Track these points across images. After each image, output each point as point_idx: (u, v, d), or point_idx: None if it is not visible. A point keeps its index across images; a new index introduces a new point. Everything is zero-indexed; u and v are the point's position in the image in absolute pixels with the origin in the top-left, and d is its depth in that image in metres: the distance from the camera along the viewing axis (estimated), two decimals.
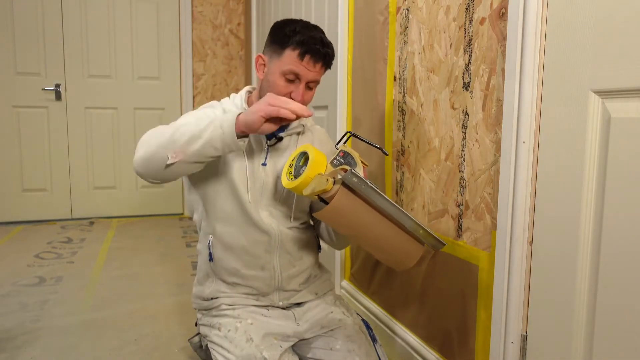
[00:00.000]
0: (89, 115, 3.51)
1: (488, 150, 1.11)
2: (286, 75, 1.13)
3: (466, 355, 1.21)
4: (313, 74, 1.14)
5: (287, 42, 1.12)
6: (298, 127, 1.26)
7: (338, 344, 1.20)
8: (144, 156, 1.05)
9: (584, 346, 0.91)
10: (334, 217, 1.03)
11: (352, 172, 0.97)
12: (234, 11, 3.79)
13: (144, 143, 1.07)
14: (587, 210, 0.88)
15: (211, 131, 1.01)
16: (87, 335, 1.70)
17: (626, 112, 0.81)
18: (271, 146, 1.23)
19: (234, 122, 1.00)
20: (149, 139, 1.07)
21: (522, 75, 0.98)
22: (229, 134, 1.00)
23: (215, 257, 1.24)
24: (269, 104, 0.99)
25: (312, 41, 1.11)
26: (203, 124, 1.02)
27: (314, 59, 1.12)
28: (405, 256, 1.08)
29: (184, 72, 3.67)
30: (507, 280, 1.05)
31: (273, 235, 1.21)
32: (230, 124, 1.00)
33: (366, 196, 1.00)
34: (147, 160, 1.05)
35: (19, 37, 3.28)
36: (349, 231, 1.07)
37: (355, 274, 1.88)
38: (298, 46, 1.11)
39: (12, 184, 3.37)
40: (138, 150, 1.07)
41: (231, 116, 1.02)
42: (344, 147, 1.15)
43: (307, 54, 1.12)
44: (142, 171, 1.07)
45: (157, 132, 1.07)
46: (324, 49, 1.13)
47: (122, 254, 2.72)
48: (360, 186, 0.98)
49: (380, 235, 1.05)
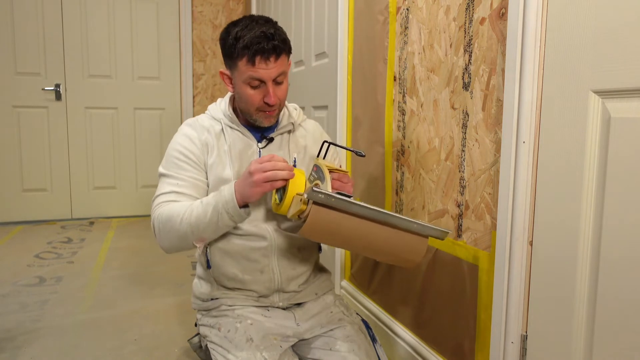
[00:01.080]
0: (89, 115, 3.51)
1: (488, 150, 1.11)
2: (249, 84, 1.13)
3: (466, 355, 1.21)
4: (273, 71, 1.12)
5: (234, 52, 1.11)
6: (287, 126, 1.25)
7: (338, 344, 1.20)
8: (171, 245, 1.17)
9: (584, 346, 0.91)
10: (314, 234, 1.02)
11: (313, 190, 0.95)
12: (234, 11, 3.79)
13: (163, 235, 1.16)
14: (587, 210, 0.88)
15: (219, 217, 1.10)
16: (87, 335, 1.70)
17: (626, 112, 0.81)
18: (263, 148, 1.22)
19: (236, 202, 1.08)
20: (165, 232, 1.15)
21: (522, 75, 0.98)
22: (235, 212, 1.09)
23: (213, 264, 1.24)
24: (262, 171, 1.04)
25: (256, 41, 1.08)
26: (209, 214, 1.10)
27: (264, 58, 1.10)
28: (409, 253, 1.06)
29: (184, 72, 3.67)
30: (507, 280, 1.05)
31: (269, 239, 1.21)
32: (232, 205, 1.08)
33: (341, 207, 0.98)
34: (175, 247, 1.18)
35: (19, 37, 3.28)
36: (336, 244, 1.06)
37: (355, 274, 1.88)
38: (244, 53, 1.10)
39: (12, 184, 3.38)
40: (161, 240, 1.17)
41: (229, 197, 1.08)
42: (317, 161, 1.15)
43: (256, 56, 1.09)
44: (175, 251, 1.20)
45: (167, 225, 1.14)
46: (269, 44, 1.09)
47: (122, 254, 2.72)
48: (328, 200, 0.96)
49: (373, 240, 1.03)
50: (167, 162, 1.22)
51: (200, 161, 1.20)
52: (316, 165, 1.14)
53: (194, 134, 1.22)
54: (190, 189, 1.18)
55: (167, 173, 1.20)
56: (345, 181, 1.14)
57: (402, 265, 1.10)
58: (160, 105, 3.67)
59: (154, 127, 3.67)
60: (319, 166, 1.12)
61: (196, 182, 1.19)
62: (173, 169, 1.20)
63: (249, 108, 1.17)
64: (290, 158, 1.25)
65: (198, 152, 1.21)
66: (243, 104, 1.18)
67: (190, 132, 1.23)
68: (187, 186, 1.18)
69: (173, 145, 1.23)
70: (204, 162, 1.21)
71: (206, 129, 1.23)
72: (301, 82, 2.36)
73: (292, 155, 1.25)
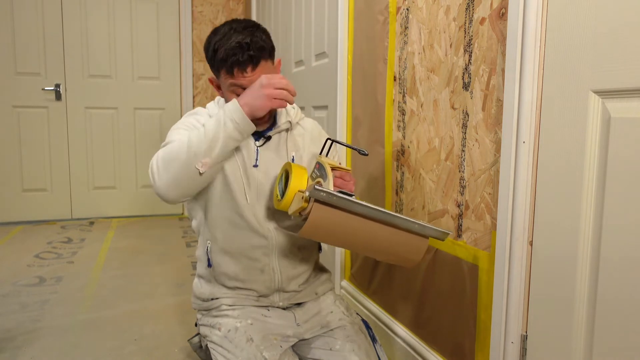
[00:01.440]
0: (89, 115, 3.51)
1: (488, 150, 1.11)
2: (234, 91, 1.15)
3: (466, 355, 1.21)
4: (253, 78, 1.13)
5: (214, 64, 1.16)
6: (285, 125, 1.25)
7: (338, 344, 1.20)
8: (171, 180, 1.07)
9: (584, 346, 0.91)
10: (315, 233, 1.01)
11: (315, 188, 0.95)
12: (234, 11, 3.79)
13: (162, 170, 1.08)
14: (587, 210, 0.88)
15: (224, 128, 1.05)
16: (87, 335, 1.70)
17: (626, 112, 0.81)
18: (260, 147, 1.22)
19: (241, 109, 1.06)
20: (165, 165, 1.08)
21: (522, 75, 0.98)
22: (242, 121, 1.06)
23: (214, 262, 1.24)
24: (274, 87, 1.05)
25: (231, 53, 1.10)
26: (212, 127, 1.06)
27: (241, 68, 1.12)
28: (409, 252, 1.06)
29: (184, 72, 3.67)
30: (507, 280, 1.05)
31: (270, 238, 1.21)
32: (239, 113, 1.06)
33: (343, 206, 0.98)
34: (175, 182, 1.08)
35: (19, 37, 3.28)
36: (337, 243, 1.05)
37: (355, 274, 1.88)
38: (222, 65, 1.13)
39: (12, 184, 3.38)
40: (160, 178, 1.08)
41: (233, 106, 1.07)
42: (319, 158, 1.15)
43: (233, 68, 1.11)
44: (173, 194, 1.09)
45: (170, 155, 1.08)
46: (244, 54, 1.10)
47: (122, 254, 2.72)
48: (330, 199, 0.96)
49: (374, 239, 1.03)
50: (171, 133, 1.19)
51: None
52: (318, 163, 1.13)
53: (203, 121, 1.20)
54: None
55: (175, 128, 1.20)
56: (348, 179, 1.14)
57: (402, 265, 1.10)
58: (160, 105, 3.67)
59: (154, 127, 3.68)
60: (322, 164, 1.11)
61: None
62: (182, 127, 1.19)
63: None
64: (289, 156, 1.25)
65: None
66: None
67: (198, 117, 1.22)
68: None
69: (178, 124, 1.22)
70: None
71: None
72: (301, 82, 2.36)
73: (290, 154, 1.25)
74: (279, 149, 1.24)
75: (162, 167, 1.08)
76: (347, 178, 1.14)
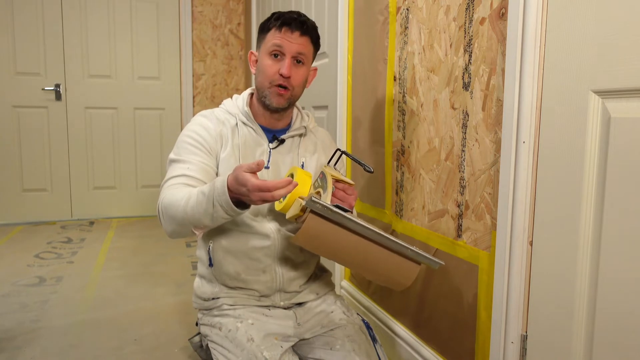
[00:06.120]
0: (89, 115, 3.51)
1: (488, 150, 1.11)
2: (271, 52, 1.18)
3: (466, 355, 1.21)
4: (296, 46, 1.17)
5: (268, 24, 1.21)
6: (300, 129, 1.26)
7: (338, 344, 1.20)
8: (174, 232, 1.14)
9: (584, 346, 0.91)
10: (308, 242, 1.00)
11: (312, 199, 0.94)
12: (234, 11, 3.79)
13: (165, 221, 1.13)
14: (587, 210, 0.88)
15: (214, 209, 1.03)
16: (87, 335, 1.70)
17: (626, 112, 0.81)
18: (273, 149, 1.23)
19: (229, 199, 1.00)
20: (167, 218, 1.12)
21: (522, 75, 0.98)
22: (228, 206, 1.01)
23: (216, 262, 1.24)
24: (261, 199, 0.96)
25: (289, 14, 1.19)
26: (203, 203, 1.03)
27: (291, 28, 1.17)
28: (399, 276, 1.04)
29: (184, 72, 3.67)
30: (507, 280, 1.05)
31: (272, 239, 1.21)
32: (225, 199, 1.00)
33: (337, 221, 0.97)
34: (178, 234, 1.14)
35: (19, 37, 3.28)
36: (328, 255, 1.04)
37: (355, 274, 1.88)
38: (275, 24, 1.19)
39: (12, 184, 3.37)
40: (164, 225, 1.15)
41: (221, 189, 1.00)
42: (324, 168, 1.14)
43: (284, 26, 1.17)
44: (179, 237, 1.18)
45: (169, 211, 1.11)
46: (300, 18, 1.18)
47: (122, 254, 2.72)
48: (325, 211, 0.95)
49: (365, 258, 1.02)
50: (178, 148, 1.21)
51: (212, 150, 1.20)
52: (322, 173, 1.13)
53: (210, 125, 1.22)
54: (200, 173, 1.17)
55: (177, 158, 1.20)
56: (350, 193, 1.14)
57: (392, 287, 1.09)
58: (160, 105, 3.67)
59: (154, 127, 3.67)
60: (325, 175, 1.11)
61: (206, 168, 1.18)
62: (184, 154, 1.19)
63: (264, 81, 1.20)
64: (299, 162, 1.25)
65: (212, 141, 1.21)
66: (260, 76, 1.21)
67: (205, 122, 1.23)
68: (197, 170, 1.17)
69: (185, 132, 1.23)
70: (216, 153, 1.21)
71: (222, 122, 1.24)
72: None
73: (300, 159, 1.26)
74: (290, 153, 1.25)
75: (166, 217, 1.13)
76: (349, 192, 1.14)
